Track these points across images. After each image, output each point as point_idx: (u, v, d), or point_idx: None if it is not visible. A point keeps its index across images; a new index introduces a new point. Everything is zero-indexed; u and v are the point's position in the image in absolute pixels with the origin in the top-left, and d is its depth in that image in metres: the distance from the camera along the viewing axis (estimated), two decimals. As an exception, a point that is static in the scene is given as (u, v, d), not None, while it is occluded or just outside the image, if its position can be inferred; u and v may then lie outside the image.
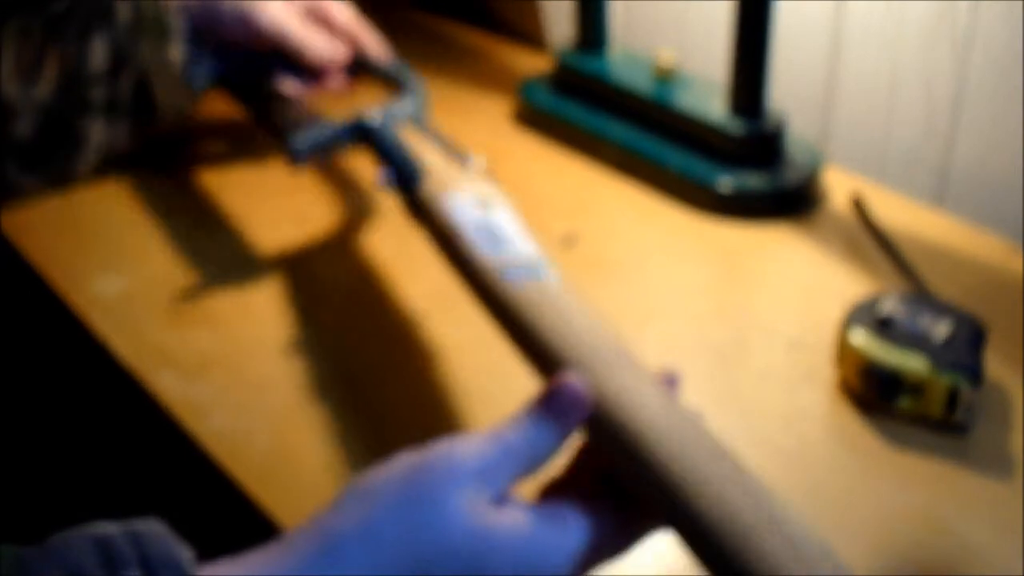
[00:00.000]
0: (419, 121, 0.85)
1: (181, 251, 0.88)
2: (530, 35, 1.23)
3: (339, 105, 0.94)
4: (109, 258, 0.87)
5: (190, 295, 0.83)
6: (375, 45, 1.00)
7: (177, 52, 0.91)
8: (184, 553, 0.46)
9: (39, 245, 0.89)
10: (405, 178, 0.77)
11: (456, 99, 1.11)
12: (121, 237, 0.90)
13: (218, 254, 0.88)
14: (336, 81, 0.99)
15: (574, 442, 0.54)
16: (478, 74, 1.17)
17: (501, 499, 0.50)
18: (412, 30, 1.27)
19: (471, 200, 0.72)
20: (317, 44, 0.95)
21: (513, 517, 0.50)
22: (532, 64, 1.17)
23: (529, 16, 1.22)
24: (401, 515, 0.48)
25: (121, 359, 0.77)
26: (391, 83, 0.97)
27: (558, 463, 0.54)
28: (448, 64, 1.18)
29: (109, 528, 0.46)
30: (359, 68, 0.98)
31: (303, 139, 0.85)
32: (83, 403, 0.99)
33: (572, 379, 0.53)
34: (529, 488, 0.52)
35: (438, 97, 0.94)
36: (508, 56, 1.22)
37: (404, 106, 0.87)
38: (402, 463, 0.50)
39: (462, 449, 0.50)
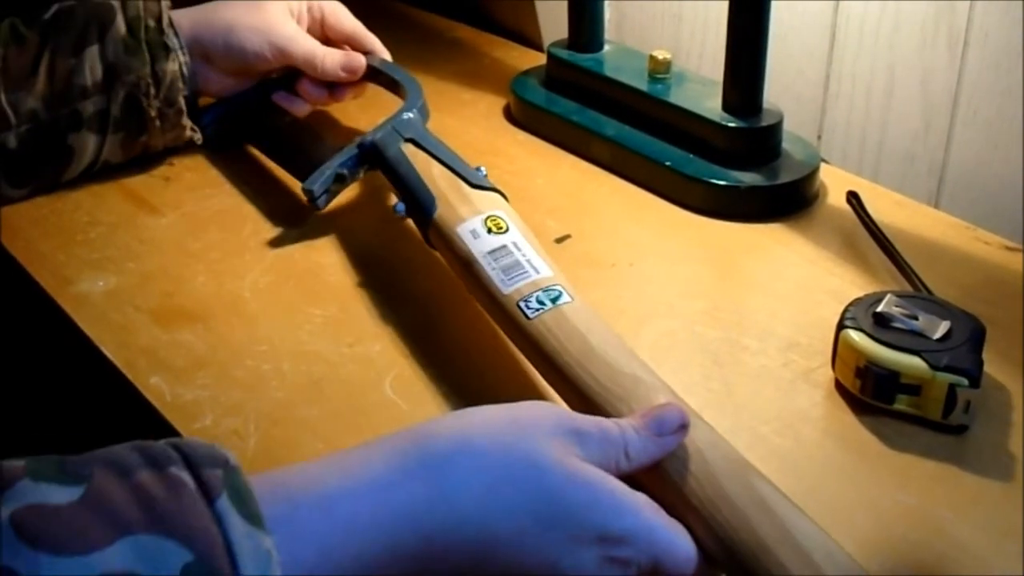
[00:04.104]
0: (421, 131, 0.86)
1: (169, 251, 0.87)
2: (525, 37, 1.23)
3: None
4: (96, 258, 0.86)
5: (178, 295, 0.82)
6: (379, 48, 1.00)
7: (176, 65, 0.91)
8: (228, 452, 0.46)
9: (26, 245, 0.88)
10: (419, 208, 0.78)
11: (446, 95, 1.10)
12: (109, 237, 0.89)
13: (206, 253, 0.87)
14: (350, 91, 0.99)
15: None
16: (469, 69, 1.17)
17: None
18: (398, 23, 1.27)
19: (481, 226, 0.74)
20: (335, 59, 0.96)
21: (599, 472, 0.53)
22: (524, 59, 1.17)
23: (524, 18, 1.22)
24: (496, 432, 0.52)
25: (110, 360, 0.76)
26: (394, 87, 0.97)
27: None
28: (437, 59, 1.17)
29: (146, 441, 0.47)
30: (366, 74, 0.99)
31: (315, 180, 0.86)
32: (72, 405, 0.98)
33: (677, 407, 0.57)
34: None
35: (427, 92, 0.94)
36: (499, 51, 1.21)
37: (406, 117, 0.87)
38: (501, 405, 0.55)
39: (562, 409, 0.56)
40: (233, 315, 0.80)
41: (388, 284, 0.83)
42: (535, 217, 0.89)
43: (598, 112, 1.01)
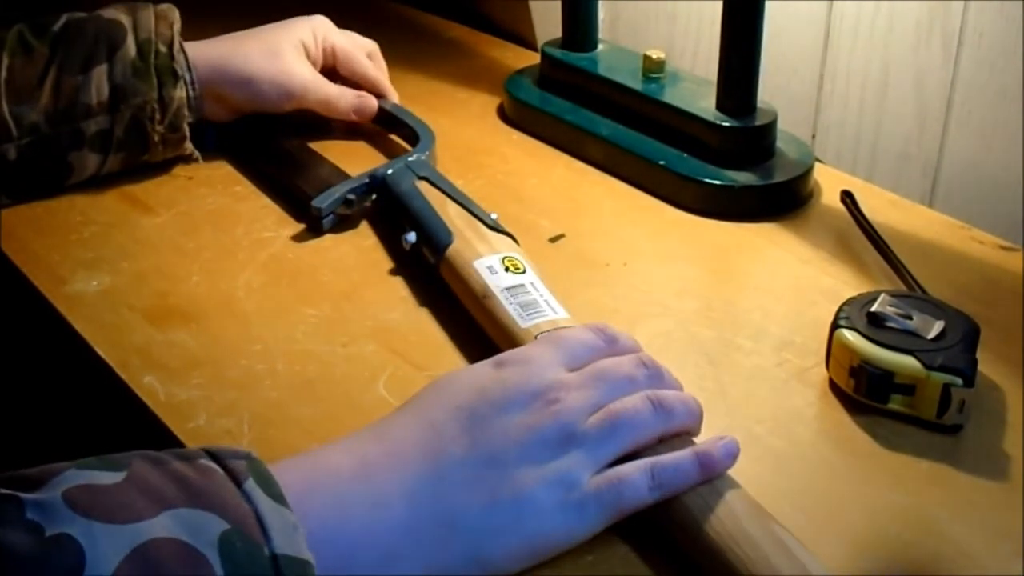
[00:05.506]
0: (434, 172, 0.87)
1: (163, 250, 0.87)
2: (519, 36, 1.23)
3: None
4: (90, 257, 0.86)
5: (173, 295, 0.82)
6: (391, 92, 1.01)
7: (183, 92, 0.92)
8: (249, 451, 0.52)
9: (20, 244, 0.88)
10: (433, 240, 0.79)
11: (440, 94, 1.10)
12: (103, 236, 0.89)
13: (200, 252, 0.87)
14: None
15: None
16: (463, 69, 1.17)
17: None
18: (392, 23, 1.27)
19: (499, 264, 0.75)
20: (349, 101, 0.97)
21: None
22: (518, 59, 1.17)
23: (518, 17, 1.22)
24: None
25: (103, 360, 0.76)
26: (405, 132, 0.98)
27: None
28: (432, 59, 1.17)
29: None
30: (378, 117, 1.00)
31: (324, 199, 0.87)
32: (66, 404, 0.98)
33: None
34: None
35: (421, 92, 0.94)
36: (493, 50, 1.21)
37: (419, 159, 0.88)
38: None
39: None
40: (227, 315, 0.80)
41: (381, 284, 0.83)
42: (529, 216, 0.89)
43: (592, 111, 1.01)
